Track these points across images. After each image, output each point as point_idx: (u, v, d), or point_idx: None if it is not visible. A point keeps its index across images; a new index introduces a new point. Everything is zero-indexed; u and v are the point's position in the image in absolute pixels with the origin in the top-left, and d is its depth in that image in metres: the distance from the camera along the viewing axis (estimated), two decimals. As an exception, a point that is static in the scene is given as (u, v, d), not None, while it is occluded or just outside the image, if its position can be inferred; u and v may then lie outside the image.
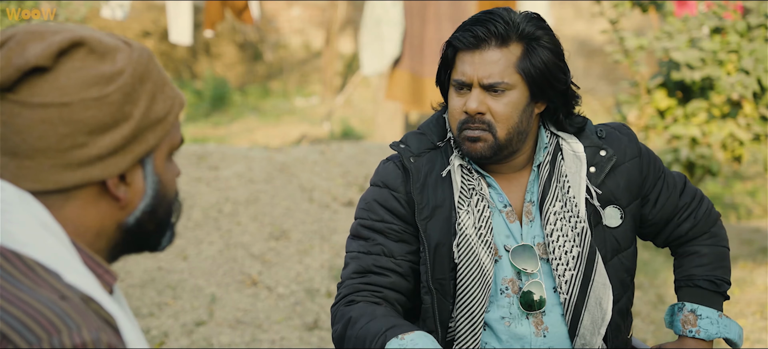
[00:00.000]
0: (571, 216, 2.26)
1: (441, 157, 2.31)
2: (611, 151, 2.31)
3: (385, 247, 2.27)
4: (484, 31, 2.19)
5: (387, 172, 2.32)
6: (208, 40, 13.13)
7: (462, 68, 2.23)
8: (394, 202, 2.29)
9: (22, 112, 1.32)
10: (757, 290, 5.74)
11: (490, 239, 2.25)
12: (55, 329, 1.21)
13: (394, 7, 8.42)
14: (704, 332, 2.37)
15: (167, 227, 1.46)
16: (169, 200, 1.45)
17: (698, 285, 2.41)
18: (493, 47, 2.20)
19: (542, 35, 2.23)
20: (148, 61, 1.39)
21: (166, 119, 1.40)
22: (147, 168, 1.40)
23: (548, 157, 2.31)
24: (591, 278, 2.25)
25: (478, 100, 2.20)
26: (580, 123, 2.32)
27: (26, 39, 1.33)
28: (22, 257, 1.28)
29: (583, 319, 2.26)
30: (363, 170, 6.65)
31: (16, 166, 1.33)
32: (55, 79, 1.32)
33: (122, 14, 9.20)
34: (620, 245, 2.32)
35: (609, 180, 2.31)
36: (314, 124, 11.35)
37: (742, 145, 6.77)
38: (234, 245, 5.62)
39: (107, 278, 1.38)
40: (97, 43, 1.36)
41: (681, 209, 2.42)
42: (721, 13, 6.70)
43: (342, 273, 2.33)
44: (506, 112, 2.21)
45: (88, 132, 1.33)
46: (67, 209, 1.35)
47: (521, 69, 2.20)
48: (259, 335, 4.79)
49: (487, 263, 2.23)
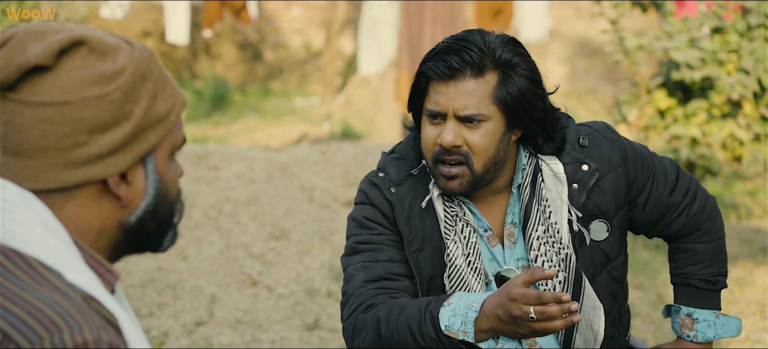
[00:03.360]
0: (554, 241, 2.20)
1: (421, 183, 2.24)
2: (593, 166, 2.22)
3: (391, 255, 2.22)
4: (459, 61, 2.09)
5: (374, 195, 2.25)
6: (208, 40, 13.14)
7: (436, 99, 2.12)
8: (384, 220, 2.24)
9: (23, 111, 1.32)
10: (757, 290, 5.74)
11: (479, 265, 2.20)
12: (56, 328, 1.21)
13: (390, 7, 8.43)
14: (702, 336, 2.36)
15: (169, 227, 1.46)
16: (170, 199, 1.44)
17: (694, 285, 2.37)
18: (468, 78, 2.10)
19: (519, 62, 2.13)
20: (149, 60, 1.39)
21: (167, 118, 1.40)
22: (148, 167, 1.40)
23: (528, 179, 2.23)
24: (579, 302, 2.20)
25: (454, 133, 2.11)
26: (558, 144, 2.22)
27: (27, 38, 1.34)
28: (24, 256, 1.28)
29: (575, 342, 2.23)
30: (363, 170, 6.65)
31: (18, 166, 1.34)
32: (55, 78, 1.32)
33: (122, 14, 9.20)
34: (609, 256, 2.26)
35: (593, 194, 2.22)
36: (314, 124, 11.35)
37: (742, 145, 6.77)
38: (234, 245, 5.62)
39: (109, 278, 1.38)
40: (97, 42, 1.36)
41: (672, 208, 2.34)
42: (721, 13, 6.70)
43: (347, 287, 2.24)
44: (483, 143, 2.12)
45: (89, 131, 1.33)
46: (69, 208, 1.35)
47: (497, 98, 2.11)
48: (259, 335, 4.79)
49: (477, 290, 2.19)
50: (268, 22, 13.74)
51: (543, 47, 12.56)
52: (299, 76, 13.75)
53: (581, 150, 2.24)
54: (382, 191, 2.24)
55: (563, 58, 13.33)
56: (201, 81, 12.88)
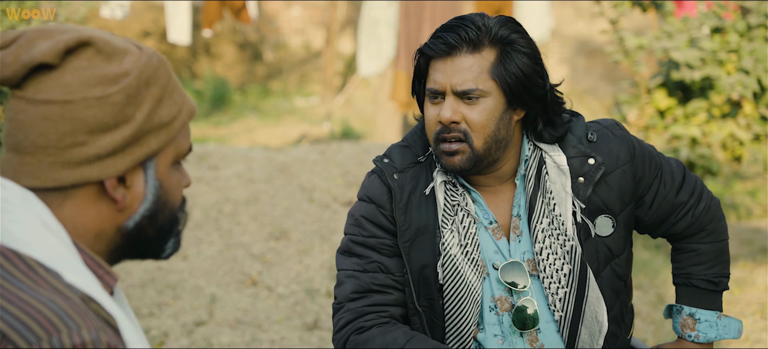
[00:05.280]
0: (559, 234, 2.20)
1: (425, 171, 2.25)
2: (600, 160, 2.22)
3: (381, 264, 2.23)
4: (455, 37, 2.12)
5: (373, 187, 2.26)
6: (208, 40, 13.13)
7: (434, 77, 2.15)
8: (381, 218, 2.24)
9: (27, 108, 1.33)
10: (757, 290, 5.74)
11: (477, 256, 2.20)
12: (54, 328, 1.21)
13: (390, 7, 8.43)
14: (703, 337, 2.36)
15: (169, 234, 1.45)
16: (171, 206, 1.43)
17: (696, 286, 2.37)
18: (464, 53, 2.12)
19: (517, 39, 2.14)
20: (157, 66, 1.39)
21: (170, 125, 1.40)
22: (148, 172, 1.39)
23: (533, 171, 2.23)
24: (585, 294, 2.21)
25: (452, 109, 2.13)
26: (560, 132, 2.22)
27: (36, 37, 1.34)
28: (23, 257, 1.28)
29: (580, 334, 2.23)
30: (363, 170, 6.65)
31: (18, 162, 1.34)
32: (60, 77, 1.33)
33: (122, 14, 9.20)
34: (613, 252, 2.25)
35: (599, 189, 2.22)
36: (314, 124, 11.35)
37: (742, 145, 6.77)
38: (234, 245, 5.62)
39: (108, 279, 1.38)
40: (105, 44, 1.36)
41: (678, 207, 2.33)
42: (721, 13, 6.70)
43: (337, 291, 2.26)
44: (482, 120, 2.13)
45: (89, 131, 1.33)
46: (66, 208, 1.35)
47: (496, 75, 2.12)
48: (259, 335, 4.79)
49: (474, 282, 2.19)
50: (268, 22, 13.74)
51: (543, 47, 12.56)
52: (299, 76, 13.74)
53: (589, 145, 2.25)
54: (384, 177, 2.25)
55: (563, 58, 13.33)
56: (201, 81, 12.88)
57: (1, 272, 1.26)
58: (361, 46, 8.71)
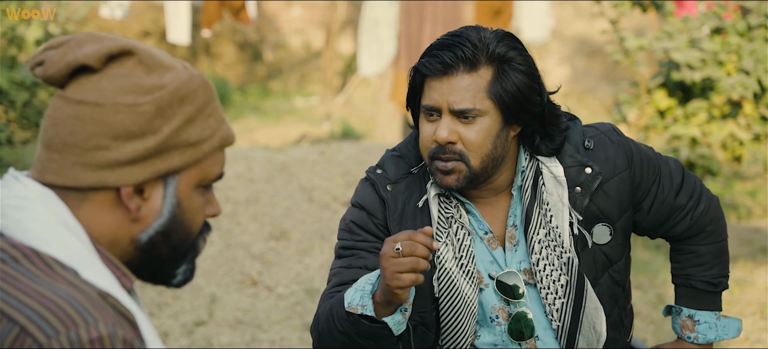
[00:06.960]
0: (556, 245, 2.18)
1: (419, 182, 2.22)
2: (597, 169, 2.19)
3: (367, 261, 2.21)
4: (451, 56, 2.08)
5: (366, 196, 2.24)
6: (208, 40, 13.14)
7: (430, 94, 2.11)
8: (372, 226, 2.22)
9: (63, 106, 1.37)
10: (757, 290, 5.74)
11: (472, 268, 2.18)
12: (72, 322, 1.24)
13: (391, 7, 8.43)
14: (703, 338, 2.35)
15: (183, 258, 1.46)
16: (188, 228, 1.44)
17: (696, 287, 2.36)
18: (461, 73, 2.08)
19: (514, 56, 2.11)
20: (197, 87, 1.41)
21: (198, 146, 1.40)
22: (168, 188, 1.40)
23: (529, 182, 2.20)
24: (582, 304, 2.20)
25: (449, 129, 2.09)
26: (557, 144, 2.19)
27: (85, 40, 1.38)
28: (40, 254, 1.31)
29: (578, 343, 2.23)
30: (363, 170, 6.64)
31: (47, 158, 1.37)
32: (98, 81, 1.36)
33: (121, 14, 9.20)
34: (610, 259, 2.23)
35: (597, 198, 2.19)
36: (314, 124, 11.35)
37: (742, 145, 6.77)
38: (234, 245, 5.62)
39: (124, 281, 1.40)
40: (147, 56, 1.39)
41: (677, 210, 2.31)
42: (721, 13, 6.70)
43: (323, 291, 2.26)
44: (478, 139, 2.10)
45: (113, 136, 1.35)
46: (84, 210, 1.37)
47: (492, 94, 2.09)
48: (259, 335, 4.79)
49: (469, 294, 2.18)
50: (267, 22, 13.74)
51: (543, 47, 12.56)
52: (299, 76, 13.75)
53: (585, 153, 2.21)
54: (377, 189, 2.23)
55: (563, 58, 13.33)
56: (201, 81, 12.87)
57: (21, 269, 1.29)
58: (361, 46, 8.71)
